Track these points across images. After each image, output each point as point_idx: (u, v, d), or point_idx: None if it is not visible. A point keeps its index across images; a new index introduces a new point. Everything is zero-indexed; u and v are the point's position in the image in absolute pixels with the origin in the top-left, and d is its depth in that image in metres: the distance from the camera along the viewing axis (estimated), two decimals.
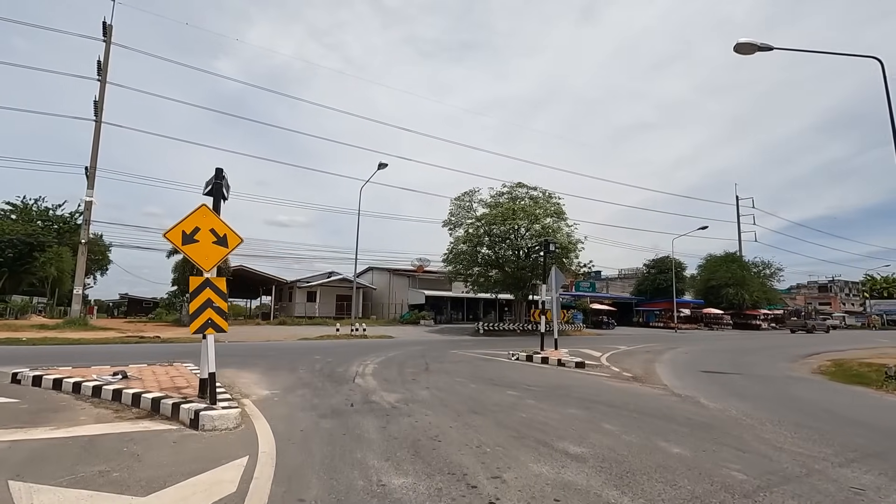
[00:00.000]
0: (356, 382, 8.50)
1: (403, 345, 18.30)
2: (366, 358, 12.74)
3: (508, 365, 12.09)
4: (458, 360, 12.77)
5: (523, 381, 9.16)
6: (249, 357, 12.45)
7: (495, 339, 24.10)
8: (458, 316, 41.39)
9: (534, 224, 29.48)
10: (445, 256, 31.57)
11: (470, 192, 31.49)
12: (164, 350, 14.16)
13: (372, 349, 15.73)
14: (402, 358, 13.07)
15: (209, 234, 5.97)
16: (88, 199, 26.12)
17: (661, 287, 48.72)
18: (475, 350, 16.33)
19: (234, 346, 16.34)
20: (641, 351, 17.57)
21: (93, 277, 67.91)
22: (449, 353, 15.12)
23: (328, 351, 14.82)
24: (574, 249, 29.63)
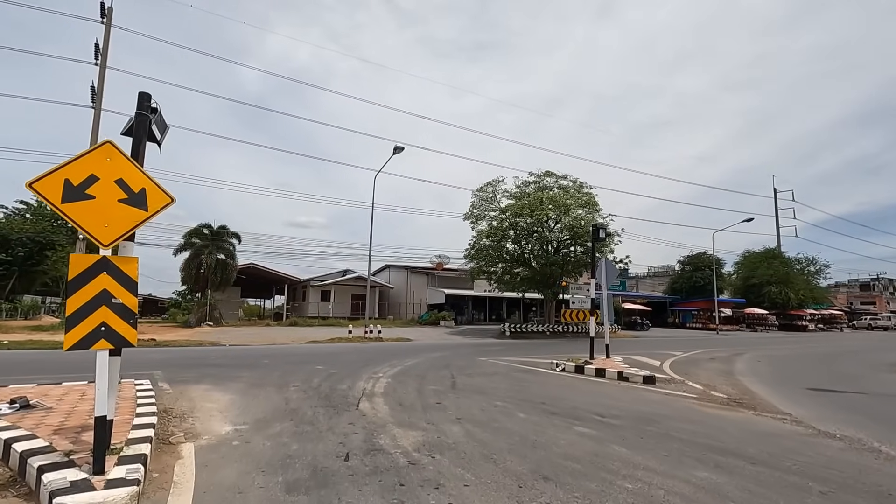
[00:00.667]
0: (360, 409, 6.17)
1: (423, 350, 15.97)
2: (378, 368, 10.42)
3: (556, 379, 9.62)
4: (490, 372, 10.35)
5: (588, 406, 6.70)
6: (237, 367, 10.25)
7: (525, 343, 21.59)
8: (479, 316, 38.91)
9: (564, 216, 26.84)
10: (467, 252, 29.15)
11: (493, 182, 29.02)
12: (146, 358, 12.10)
13: (386, 355, 13.43)
14: (422, 368, 10.72)
15: (113, 188, 3.69)
16: None
17: (697, 285, 45.47)
18: (507, 357, 13.88)
19: (229, 352, 14.24)
20: (703, 358, 14.87)
21: None
22: (477, 360, 12.72)
23: (335, 358, 12.56)
24: (609, 244, 26.88)
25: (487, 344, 20.16)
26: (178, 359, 11.81)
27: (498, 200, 29.01)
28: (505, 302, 40.25)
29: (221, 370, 9.64)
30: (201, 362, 11.04)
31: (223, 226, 30.87)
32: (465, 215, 29.45)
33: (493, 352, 15.77)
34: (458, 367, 11.15)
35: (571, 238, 27.72)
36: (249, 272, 37.29)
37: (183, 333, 23.55)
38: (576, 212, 27.07)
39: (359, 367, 10.65)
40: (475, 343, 20.54)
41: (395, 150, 20.72)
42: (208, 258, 29.24)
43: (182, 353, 13.46)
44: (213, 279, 29.40)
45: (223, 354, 13.31)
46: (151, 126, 4.37)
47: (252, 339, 20.67)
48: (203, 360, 11.44)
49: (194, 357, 12.31)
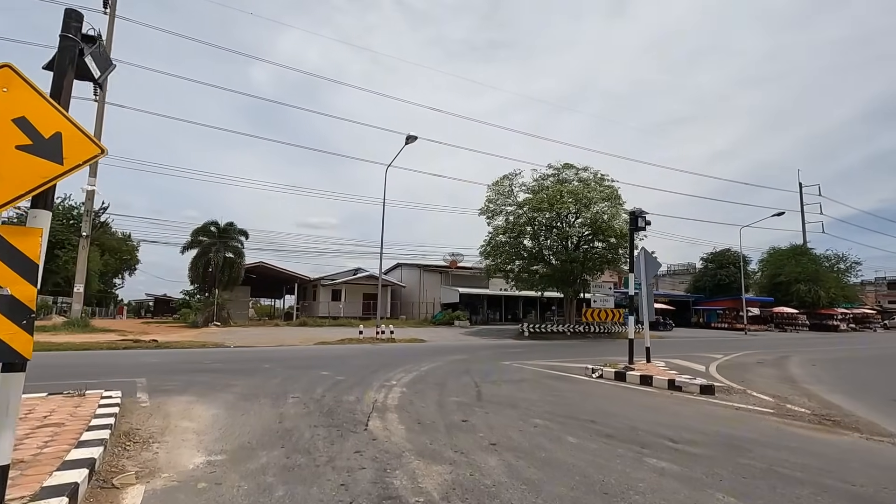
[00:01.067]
0: (370, 430, 4.99)
1: (439, 352, 14.78)
2: (391, 374, 9.24)
3: (596, 388, 8.35)
4: (518, 379, 9.11)
5: (650, 426, 5.43)
6: (233, 372, 9.14)
7: (545, 344, 20.28)
8: (495, 316, 37.62)
9: (585, 210, 25.46)
10: (482, 249, 27.89)
11: (510, 175, 27.70)
12: (139, 361, 11.08)
13: (400, 359, 12.26)
14: (440, 374, 9.51)
15: (8, 130, 2.54)
16: (90, 188, 23.78)
17: (721, 283, 43.68)
18: (531, 360, 12.61)
19: (231, 354, 13.19)
20: (749, 362, 13.45)
21: (121, 277, 67.66)
22: (500, 365, 11.48)
23: (344, 362, 11.42)
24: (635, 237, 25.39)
25: (506, 345, 18.90)
26: (174, 362, 10.77)
27: (515, 195, 27.70)
28: (521, 301, 38.93)
29: (215, 377, 8.53)
30: (196, 367, 9.97)
31: (230, 223, 30.07)
32: (480, 210, 28.19)
33: (515, 354, 14.52)
34: (481, 372, 9.93)
35: (592, 233, 26.33)
36: (259, 271, 36.49)
37: (188, 334, 22.67)
38: (597, 206, 25.66)
39: (369, 372, 9.48)
40: (493, 344, 19.29)
41: (407, 139, 19.56)
42: (215, 256, 28.42)
43: (180, 356, 12.44)
44: (220, 278, 28.56)
45: (223, 357, 12.25)
46: (84, 57, 3.23)
47: (258, 339, 19.68)
48: (199, 364, 10.38)
49: (191, 360, 11.26)
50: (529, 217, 26.70)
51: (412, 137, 19.39)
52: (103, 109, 24.17)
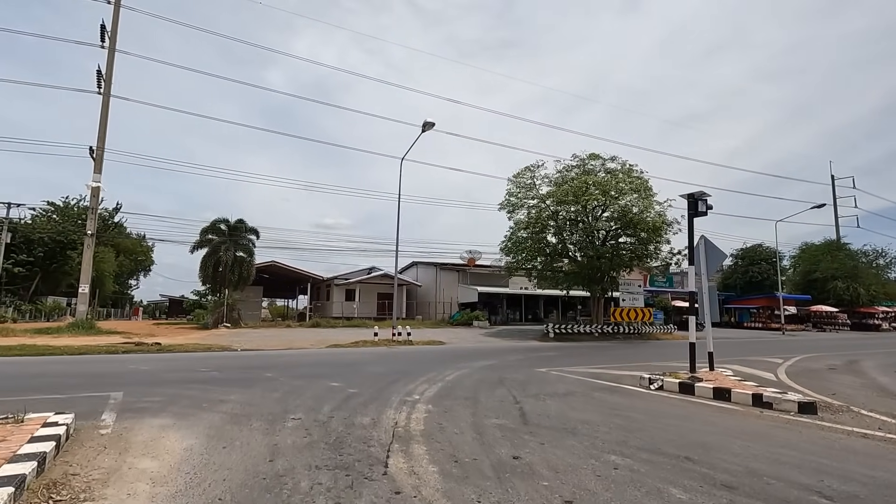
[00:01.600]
0: (391, 473, 3.63)
1: (462, 356, 13.39)
2: (412, 385, 7.88)
3: (665, 405, 6.86)
4: (563, 392, 7.66)
5: (767, 464, 3.97)
6: (229, 383, 7.86)
7: (575, 346, 18.77)
8: (514, 316, 36.10)
9: (612, 202, 23.82)
10: (503, 245, 26.42)
11: (532, 167, 26.17)
12: (129, 368, 9.91)
13: (420, 364, 10.90)
14: (470, 385, 8.12)
15: None
16: (95, 184, 22.86)
17: (753, 280, 41.48)
18: (567, 366, 11.13)
19: (233, 360, 11.96)
20: (818, 367, 11.79)
21: (136, 278, 67.68)
22: (535, 372, 10.04)
23: (358, 368, 10.10)
24: (666, 232, 23.72)
25: (534, 348, 17.43)
26: (167, 370, 9.57)
27: (537, 187, 26.14)
28: (541, 300, 37.37)
29: (206, 389, 7.25)
30: (190, 375, 8.72)
31: (240, 220, 29.08)
32: (500, 204, 26.71)
33: (548, 359, 13.06)
34: (516, 382, 8.51)
35: (621, 227, 24.69)
36: (271, 270, 35.55)
37: (196, 336, 21.67)
38: (626, 197, 24.00)
39: (387, 383, 8.13)
40: (519, 347, 17.83)
41: (424, 126, 18.20)
42: (225, 255, 27.44)
43: (177, 362, 11.26)
44: (230, 278, 27.57)
45: (224, 363, 11.03)
46: None
47: (268, 342, 18.53)
48: (193, 373, 9.14)
49: (188, 367, 10.04)
50: (553, 211, 25.17)
51: (429, 124, 18.03)
52: (108, 102, 23.30)
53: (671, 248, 24.63)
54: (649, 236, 23.54)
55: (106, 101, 23.29)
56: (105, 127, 23.28)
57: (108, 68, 23.33)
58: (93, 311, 49.47)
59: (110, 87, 23.36)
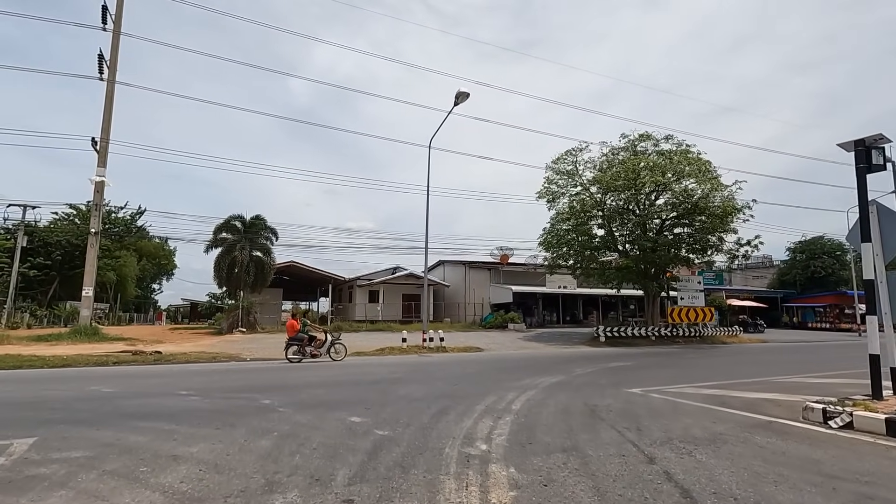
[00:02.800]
0: None
1: (514, 368, 10.80)
2: (467, 421, 5.33)
3: (889, 463, 4.12)
4: (706, 436, 4.97)
5: None
6: (209, 415, 5.43)
7: (638, 354, 15.95)
8: (551, 317, 33.19)
9: (667, 189, 20.89)
10: (542, 238, 23.66)
11: (573, 150, 23.37)
12: (89, 391, 7.64)
13: (467, 382, 8.34)
14: (554, 421, 5.51)
15: None
16: (99, 178, 21.10)
17: (816, 277, 37.55)
18: (664, 384, 8.41)
19: (235, 374, 9.61)
20: None
21: (159, 282, 67.17)
22: (629, 395, 7.36)
23: (386, 389, 7.60)
24: (733, 218, 20.59)
25: (593, 356, 14.68)
26: (136, 391, 7.27)
27: (580, 173, 23.34)
28: (580, 300, 34.40)
29: (163, 432, 4.84)
30: (155, 404, 6.35)
31: (257, 216, 27.05)
32: (538, 193, 24.00)
33: (623, 372, 10.34)
34: (617, 414, 5.86)
35: (679, 216, 21.69)
36: (291, 271, 33.59)
37: (206, 342, 19.64)
38: (684, 182, 21.00)
39: (431, 416, 5.60)
40: (575, 355, 15.12)
41: (457, 97, 15.68)
42: (241, 255, 25.44)
43: (160, 378, 8.99)
44: (246, 279, 25.56)
45: (215, 382, 8.69)
46: None
47: (282, 349, 16.27)
48: (165, 398, 6.80)
49: (165, 387, 7.72)
50: (598, 199, 22.36)
51: (463, 94, 15.49)
52: (113, 89, 21.58)
53: (738, 238, 21.47)
54: (713, 224, 20.48)
55: (111, 88, 21.57)
56: (110, 116, 21.55)
57: (112, 53, 21.62)
58: (113, 316, 48.77)
59: (115, 73, 21.64)
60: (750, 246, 21.19)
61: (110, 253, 45.21)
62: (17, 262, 33.41)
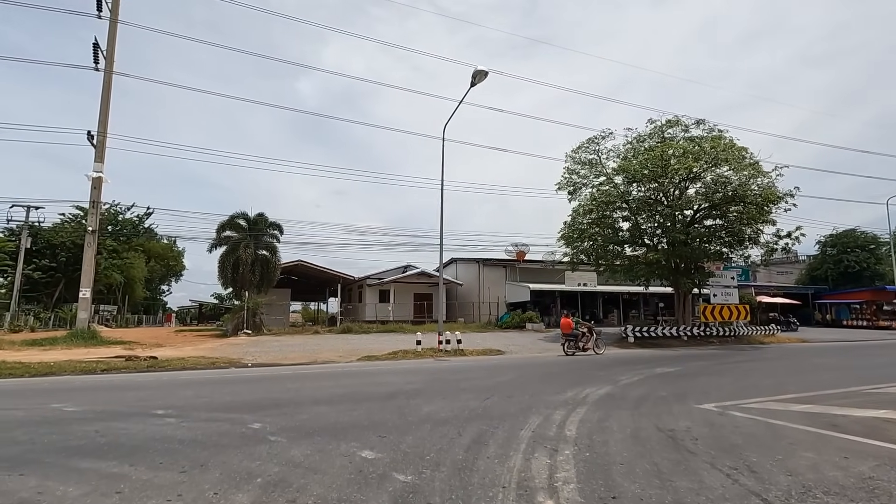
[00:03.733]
0: None
1: (547, 377, 9.46)
2: (513, 457, 4.01)
3: None
4: (854, 486, 3.59)
5: None
6: (181, 446, 4.16)
7: (676, 357, 14.52)
8: None
9: (706, 173, 19.39)
10: (563, 232, 22.22)
11: (596, 138, 21.89)
12: (51, 413, 6.44)
13: (499, 396, 7.01)
14: (630, 457, 4.16)
15: None
16: (96, 174, 20.08)
17: (849, 272, 35.61)
18: (737, 398, 7.02)
19: (228, 385, 8.36)
20: None
21: (168, 284, 66.60)
22: (704, 414, 5.99)
23: (403, 407, 6.29)
24: (772, 208, 19.01)
25: (629, 360, 13.29)
26: (101, 411, 6.03)
27: (603, 163, 21.87)
28: (600, 298, 32.88)
29: (102, 486, 3.56)
30: (117, 431, 5.04)
31: (261, 213, 25.98)
32: (557, 185, 22.58)
33: (675, 381, 8.95)
34: (707, 442, 4.51)
35: (711, 206, 20.15)
36: (298, 271, 32.50)
37: (209, 345, 18.54)
38: (718, 170, 19.47)
39: (465, 448, 4.29)
40: (608, 359, 13.75)
41: (474, 76, 14.33)
42: (245, 253, 24.34)
43: (138, 391, 7.78)
44: (251, 279, 24.48)
45: (200, 397, 7.45)
46: None
47: (288, 353, 15.11)
48: (132, 420, 5.53)
49: (141, 404, 6.48)
50: (623, 190, 20.90)
51: (480, 73, 14.15)
52: (111, 80, 20.55)
53: (777, 230, 19.85)
54: (750, 215, 18.92)
55: (108, 79, 20.53)
56: (107, 109, 20.51)
57: (109, 42, 20.58)
58: (121, 318, 48.12)
59: (112, 63, 20.60)
60: (790, 238, 19.56)
61: (118, 254, 44.49)
62: (20, 264, 32.70)
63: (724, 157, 18.77)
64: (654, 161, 19.17)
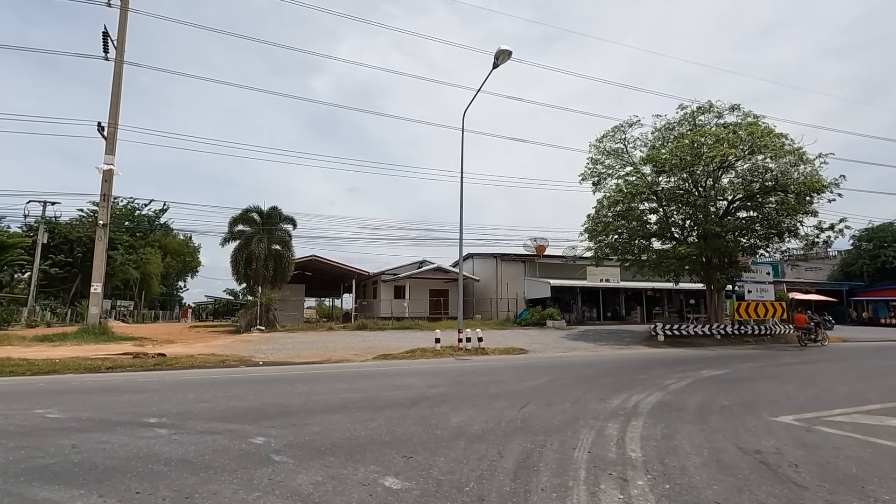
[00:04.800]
0: None
1: (583, 378, 8.59)
2: (569, 479, 3.15)
3: None
4: None
5: None
6: (168, 468, 3.41)
7: (712, 356, 13.50)
8: (591, 314, 30.65)
9: (737, 163, 18.22)
10: (587, 226, 21.21)
11: (621, 126, 20.81)
12: (34, 422, 5.78)
13: (534, 403, 6.16)
14: (717, 486, 3.28)
15: None
16: (107, 166, 19.66)
17: (888, 267, 33.90)
18: (812, 406, 6.10)
19: (234, 387, 7.64)
20: None
21: (184, 280, 66.97)
22: (776, 426, 5.08)
23: (428, 416, 5.49)
24: (815, 198, 17.77)
25: (667, 361, 12.32)
26: (97, 417, 5.36)
27: (629, 153, 20.78)
28: (623, 294, 31.75)
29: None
30: (101, 448, 4.38)
31: (274, 207, 25.43)
32: (581, 176, 21.56)
33: (731, 386, 8.00)
34: (809, 470, 3.62)
35: (746, 197, 18.97)
36: (312, 266, 32.00)
37: (220, 342, 18.02)
38: (756, 158, 18.27)
39: (508, 473, 3.48)
40: (643, 360, 12.80)
41: (496, 57, 13.41)
42: (257, 248, 23.82)
43: (144, 394, 7.12)
44: (265, 274, 23.95)
45: (202, 402, 6.75)
46: None
47: (300, 352, 14.48)
48: (117, 436, 4.84)
49: (134, 409, 5.80)
50: (651, 180, 19.81)
51: (504, 53, 13.23)
52: (121, 70, 20.11)
53: (819, 222, 18.56)
54: (791, 205, 17.70)
55: (118, 69, 20.10)
56: (118, 100, 20.09)
57: (119, 31, 20.12)
58: (138, 313, 48.29)
59: (122, 52, 20.14)
60: (833, 231, 18.27)
61: (134, 250, 44.57)
62: (38, 259, 32.75)
63: (763, 144, 17.56)
64: (684, 149, 18.07)
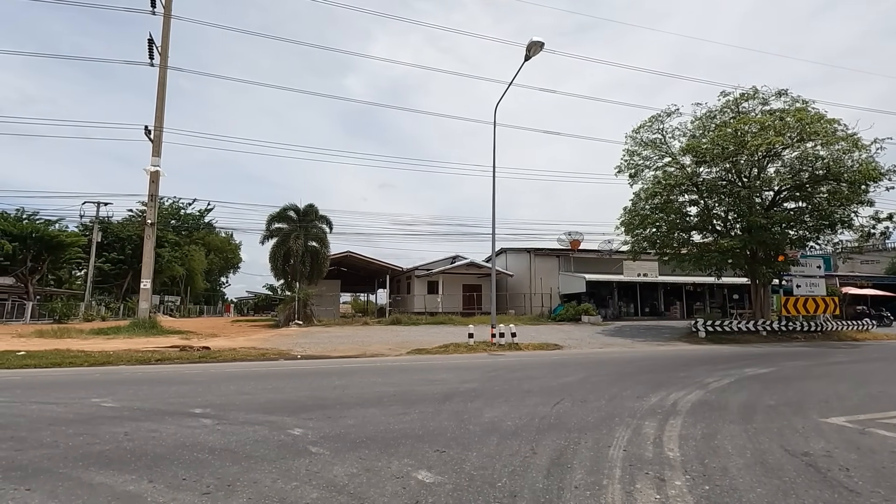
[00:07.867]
0: None
1: (621, 375, 8.41)
2: (604, 477, 3.10)
3: None
4: None
5: None
6: (217, 454, 3.57)
7: (756, 353, 12.94)
8: (628, 309, 29.95)
9: (785, 150, 17.33)
10: (623, 219, 20.68)
11: (659, 115, 20.12)
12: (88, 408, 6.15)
13: (569, 399, 6.08)
14: (763, 489, 3.15)
15: None
16: (154, 168, 20.62)
17: None
18: (865, 407, 5.76)
19: (274, 380, 7.90)
20: None
21: (226, 276, 69.61)
22: (827, 427, 4.82)
23: (462, 413, 5.51)
24: (871, 186, 16.69)
25: (708, 358, 11.91)
26: (147, 407, 5.66)
27: (668, 143, 20.10)
28: (661, 289, 30.84)
29: (127, 497, 3.02)
30: (150, 436, 4.62)
31: (311, 205, 26.03)
32: (617, 168, 21.02)
33: (777, 385, 7.65)
34: (866, 476, 3.42)
35: (794, 187, 18.01)
36: (347, 262, 32.61)
37: (261, 336, 18.65)
38: (805, 145, 17.31)
39: (542, 471, 3.46)
40: (683, 356, 12.41)
41: (528, 49, 13.22)
42: (295, 245, 24.47)
43: (190, 385, 7.46)
44: (302, 270, 24.60)
45: (243, 394, 7.01)
46: None
47: (337, 345, 14.81)
48: (165, 425, 5.09)
49: (183, 399, 6.09)
50: (691, 171, 19.10)
51: (537, 45, 13.02)
52: (166, 76, 21.02)
53: (876, 212, 17.44)
54: (845, 195, 16.69)
55: (163, 74, 21.01)
56: (163, 104, 21.01)
57: (163, 38, 21.02)
58: (184, 308, 50.56)
59: (166, 58, 21.04)
60: (892, 221, 17.10)
61: (179, 248, 46.64)
62: (93, 257, 34.77)
63: (813, 131, 16.60)
64: (726, 138, 17.32)
